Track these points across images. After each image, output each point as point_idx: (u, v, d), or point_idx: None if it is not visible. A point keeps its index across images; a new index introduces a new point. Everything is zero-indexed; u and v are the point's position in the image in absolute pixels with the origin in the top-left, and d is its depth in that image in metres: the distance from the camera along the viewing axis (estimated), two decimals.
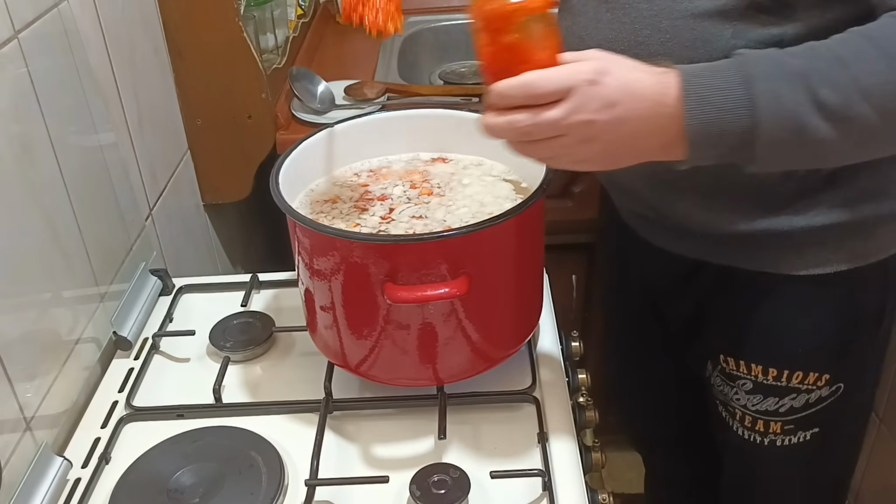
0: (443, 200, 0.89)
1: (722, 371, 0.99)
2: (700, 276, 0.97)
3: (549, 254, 0.90)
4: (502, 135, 0.70)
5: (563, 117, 0.67)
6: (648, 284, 1.08)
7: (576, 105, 0.67)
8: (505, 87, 0.68)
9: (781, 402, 0.96)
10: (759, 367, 0.95)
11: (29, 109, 0.83)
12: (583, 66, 0.68)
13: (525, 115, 0.68)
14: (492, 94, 0.69)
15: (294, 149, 0.89)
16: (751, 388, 0.97)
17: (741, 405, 0.99)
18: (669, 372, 1.17)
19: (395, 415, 0.86)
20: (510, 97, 0.68)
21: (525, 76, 0.67)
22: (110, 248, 0.98)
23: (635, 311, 1.15)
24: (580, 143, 0.69)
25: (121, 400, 0.90)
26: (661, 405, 1.25)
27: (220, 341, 0.95)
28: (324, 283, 0.80)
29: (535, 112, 0.67)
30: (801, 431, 0.98)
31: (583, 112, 0.67)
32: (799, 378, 0.94)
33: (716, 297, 0.97)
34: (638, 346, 1.20)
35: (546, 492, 0.75)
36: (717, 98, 0.69)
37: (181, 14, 1.20)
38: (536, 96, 0.67)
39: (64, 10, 0.91)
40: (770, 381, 0.95)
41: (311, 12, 1.72)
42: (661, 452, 1.35)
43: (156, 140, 1.17)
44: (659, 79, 0.70)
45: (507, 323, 0.86)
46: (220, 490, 0.77)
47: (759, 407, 0.98)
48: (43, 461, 0.78)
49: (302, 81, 1.41)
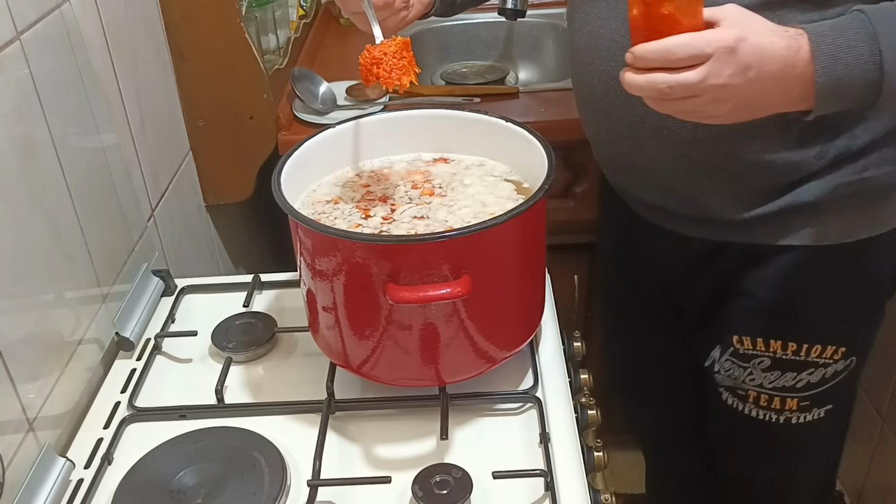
0: (444, 201, 0.89)
1: (734, 353, 1.01)
2: (721, 256, 0.99)
3: (551, 254, 0.90)
4: (640, 92, 0.74)
5: (699, 81, 0.71)
6: (661, 272, 1.09)
7: (712, 70, 0.71)
8: (646, 51, 0.72)
9: (799, 377, 0.99)
10: (779, 342, 0.98)
11: (31, 110, 0.83)
12: (721, 34, 0.71)
13: (663, 77, 0.72)
14: (635, 55, 0.73)
15: (296, 149, 0.89)
16: (768, 364, 0.99)
17: (756, 385, 1.01)
18: (677, 362, 1.18)
19: (398, 415, 0.86)
20: (651, 60, 0.72)
21: (666, 41, 0.71)
22: (112, 249, 0.98)
23: (643, 302, 1.16)
24: (712, 103, 0.74)
25: (123, 401, 0.90)
26: (668, 396, 1.25)
27: (222, 342, 0.95)
28: (326, 284, 0.80)
29: (673, 74, 0.71)
30: (816, 408, 1.01)
31: (719, 77, 0.71)
32: (818, 352, 0.97)
33: (737, 277, 0.99)
34: (646, 336, 1.20)
35: (548, 492, 0.75)
36: (846, 55, 0.74)
37: (183, 15, 1.20)
38: (675, 61, 0.71)
39: (66, 12, 0.91)
40: (789, 355, 0.98)
41: (312, 13, 1.72)
42: (667, 444, 1.35)
43: (158, 141, 1.18)
44: (789, 42, 0.74)
45: (509, 323, 0.86)
46: (223, 490, 0.77)
47: (777, 383, 1.00)
48: (45, 462, 0.78)
49: (304, 82, 1.42)
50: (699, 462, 1.30)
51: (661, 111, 0.76)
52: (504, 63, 1.72)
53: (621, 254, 1.19)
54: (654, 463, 1.43)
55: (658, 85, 0.72)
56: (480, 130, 0.94)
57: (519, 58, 1.78)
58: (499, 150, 0.94)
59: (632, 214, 1.07)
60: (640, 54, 0.72)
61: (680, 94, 0.73)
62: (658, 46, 0.71)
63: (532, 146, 0.87)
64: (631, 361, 1.28)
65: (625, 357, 1.30)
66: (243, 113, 1.28)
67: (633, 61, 0.73)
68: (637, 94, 0.75)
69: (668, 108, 0.76)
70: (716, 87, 0.72)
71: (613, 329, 1.30)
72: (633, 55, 0.73)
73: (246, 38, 1.22)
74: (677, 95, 0.73)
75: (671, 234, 1.01)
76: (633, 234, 1.09)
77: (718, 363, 1.03)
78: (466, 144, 0.96)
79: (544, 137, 0.87)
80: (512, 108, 1.42)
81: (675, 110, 0.76)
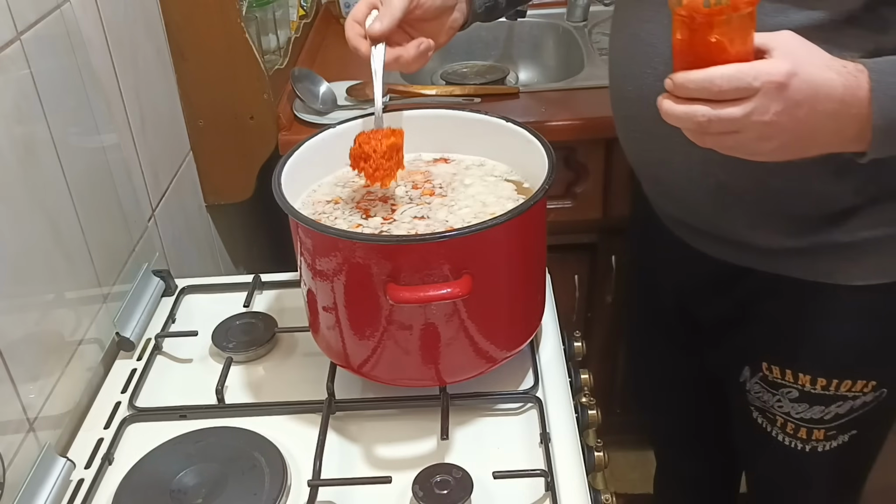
0: (445, 201, 0.89)
1: (763, 378, 0.98)
2: (745, 281, 0.95)
3: (552, 254, 0.90)
4: (677, 123, 0.69)
5: (743, 116, 0.66)
6: (678, 283, 1.07)
7: (758, 106, 0.65)
8: (687, 80, 0.66)
9: (827, 410, 0.96)
10: (808, 376, 0.94)
11: (32, 111, 0.83)
12: (772, 66, 0.65)
13: (704, 109, 0.66)
14: (675, 82, 0.67)
15: (296, 149, 0.89)
16: (796, 396, 0.96)
17: (783, 412, 0.98)
18: (693, 371, 1.16)
19: (398, 415, 0.86)
20: (691, 90, 0.66)
21: (710, 72, 0.65)
22: (113, 249, 0.98)
23: (660, 308, 1.14)
24: (756, 140, 0.68)
25: (124, 401, 0.90)
26: (681, 402, 1.24)
27: (222, 342, 0.95)
28: (326, 284, 0.80)
29: (715, 108, 0.66)
30: (841, 435, 0.98)
31: (765, 113, 0.66)
32: (847, 386, 0.94)
33: (760, 303, 0.96)
34: (662, 344, 1.19)
35: (549, 492, 0.75)
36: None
37: (183, 15, 1.20)
38: (718, 93, 0.65)
39: (66, 12, 0.91)
40: (818, 390, 0.94)
41: (312, 13, 1.72)
42: (678, 449, 1.35)
43: (158, 141, 1.18)
44: (847, 79, 0.68)
45: (510, 323, 0.86)
46: (223, 491, 0.77)
47: (804, 415, 0.97)
48: (46, 462, 0.78)
49: (304, 82, 1.42)
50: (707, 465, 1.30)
51: (699, 144, 0.71)
52: (504, 63, 1.72)
53: (642, 256, 1.17)
54: (662, 464, 1.43)
55: (697, 118, 0.67)
56: (481, 130, 0.94)
57: (519, 58, 1.78)
58: (499, 150, 0.94)
59: (655, 220, 1.04)
60: (681, 82, 0.66)
61: (721, 129, 0.67)
62: (700, 76, 0.65)
63: (532, 146, 0.87)
64: (644, 364, 1.28)
65: (638, 359, 1.30)
66: (244, 113, 1.28)
67: (673, 89, 0.67)
68: (674, 124, 0.69)
69: (707, 142, 0.70)
70: (761, 123, 0.66)
71: (629, 330, 1.30)
72: (673, 82, 0.67)
73: (246, 38, 1.22)
74: (718, 130, 0.67)
75: (692, 249, 0.98)
76: (654, 239, 1.07)
77: (749, 383, 1.00)
78: (467, 144, 0.96)
79: (545, 137, 0.87)
80: (512, 108, 1.42)
81: (715, 144, 0.70)
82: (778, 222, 0.89)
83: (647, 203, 1.06)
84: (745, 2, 0.64)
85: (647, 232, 1.10)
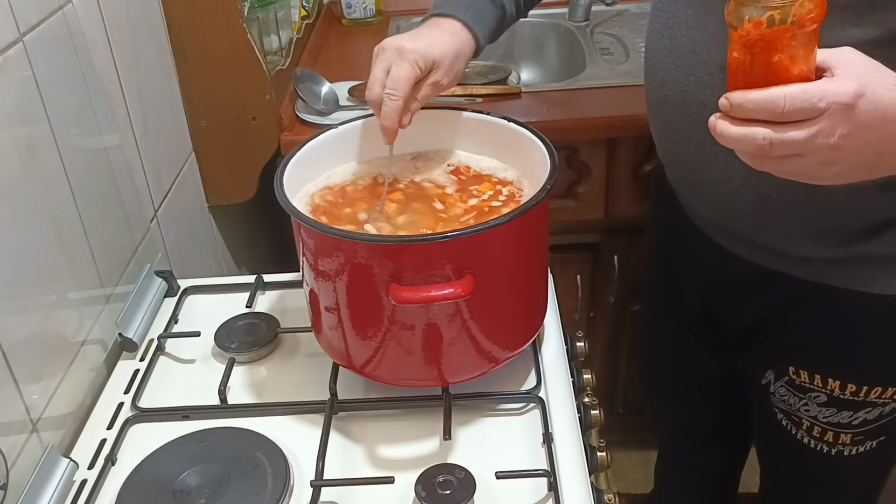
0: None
1: (790, 382, 0.97)
2: (777, 286, 0.94)
3: (554, 254, 0.90)
4: (734, 145, 0.65)
5: (807, 139, 0.62)
6: (709, 285, 1.05)
7: (823, 128, 0.61)
8: (746, 100, 0.62)
9: (855, 416, 0.95)
10: (837, 381, 0.93)
11: (34, 112, 0.83)
12: (838, 86, 0.61)
13: (765, 132, 0.62)
14: (731, 102, 0.63)
15: (298, 150, 0.89)
16: (824, 400, 0.95)
17: (810, 416, 0.97)
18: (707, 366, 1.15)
19: (400, 415, 0.86)
20: (751, 111, 0.62)
21: (772, 92, 0.61)
22: (115, 250, 0.98)
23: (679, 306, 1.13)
24: (818, 165, 0.64)
25: (126, 401, 0.90)
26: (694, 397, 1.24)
27: (225, 342, 0.95)
28: (328, 284, 0.80)
29: (777, 130, 0.62)
30: (869, 441, 0.97)
31: (830, 136, 0.62)
32: (878, 393, 0.93)
33: (792, 308, 0.94)
34: (677, 338, 1.18)
35: (551, 492, 0.75)
36: None
37: (185, 16, 1.20)
38: (781, 115, 0.61)
39: (69, 13, 0.91)
40: (847, 395, 0.94)
41: (314, 14, 1.72)
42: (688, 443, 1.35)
43: (160, 142, 1.18)
44: None
45: (512, 323, 0.86)
46: (226, 491, 0.77)
47: (832, 419, 0.96)
48: (49, 462, 0.78)
49: (306, 82, 1.42)
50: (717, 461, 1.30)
51: (756, 168, 0.66)
52: (506, 63, 1.72)
53: (661, 254, 1.16)
54: (669, 459, 1.42)
55: (758, 140, 0.62)
56: (483, 130, 0.94)
57: (521, 58, 1.78)
58: (501, 150, 0.94)
59: (682, 218, 1.03)
60: (739, 102, 0.62)
61: (782, 153, 0.63)
62: (762, 97, 0.61)
63: (534, 146, 0.87)
64: (659, 359, 1.27)
65: (653, 354, 1.29)
66: (246, 114, 1.28)
67: (730, 109, 0.63)
68: (729, 146, 0.65)
69: (765, 166, 0.65)
70: (826, 147, 0.62)
71: (644, 326, 1.29)
72: (730, 103, 0.63)
73: (248, 38, 1.22)
74: (779, 154, 0.63)
75: (724, 251, 0.97)
76: (679, 238, 1.06)
77: (774, 386, 1.00)
78: (468, 144, 0.96)
79: (547, 138, 0.87)
80: (514, 108, 1.42)
81: (774, 169, 0.66)
82: (818, 234, 0.87)
83: (675, 200, 1.04)
84: (810, 19, 0.60)
85: (672, 229, 1.08)
